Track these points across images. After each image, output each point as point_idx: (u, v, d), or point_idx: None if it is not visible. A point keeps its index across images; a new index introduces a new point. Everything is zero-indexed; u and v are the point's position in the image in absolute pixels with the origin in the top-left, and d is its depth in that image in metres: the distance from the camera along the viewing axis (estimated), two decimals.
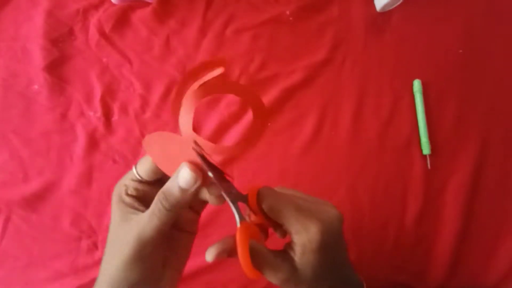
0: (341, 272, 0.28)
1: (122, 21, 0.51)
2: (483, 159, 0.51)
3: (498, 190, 0.51)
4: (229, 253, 0.25)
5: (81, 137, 0.49)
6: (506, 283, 0.49)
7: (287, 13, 0.53)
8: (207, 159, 0.25)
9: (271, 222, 0.28)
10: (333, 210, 0.28)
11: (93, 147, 0.49)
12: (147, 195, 0.27)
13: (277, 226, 0.28)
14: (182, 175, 0.24)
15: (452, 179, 0.51)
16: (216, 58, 0.51)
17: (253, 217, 0.28)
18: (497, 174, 0.51)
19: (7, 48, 0.50)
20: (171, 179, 0.25)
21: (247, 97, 0.36)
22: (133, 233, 0.24)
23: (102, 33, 0.51)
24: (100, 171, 0.49)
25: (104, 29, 0.51)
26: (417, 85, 0.52)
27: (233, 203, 0.25)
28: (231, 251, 0.25)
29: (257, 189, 0.27)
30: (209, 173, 0.25)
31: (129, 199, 0.27)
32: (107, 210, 0.49)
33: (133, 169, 0.28)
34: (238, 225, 0.25)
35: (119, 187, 0.28)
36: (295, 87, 0.51)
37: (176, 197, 0.25)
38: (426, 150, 0.50)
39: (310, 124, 0.51)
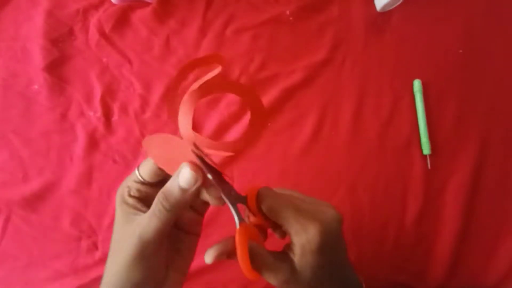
0: (340, 272, 0.28)
1: (122, 21, 0.51)
2: (483, 159, 0.51)
3: (498, 190, 0.51)
4: (228, 255, 0.25)
5: (81, 137, 0.49)
6: (506, 283, 0.49)
7: (287, 13, 0.53)
8: (207, 161, 0.25)
9: (270, 222, 0.28)
10: (332, 211, 0.28)
11: (93, 147, 0.49)
12: (149, 197, 0.27)
13: (276, 226, 0.28)
14: (182, 174, 0.24)
15: (452, 179, 0.51)
16: (212, 54, 0.51)
17: (252, 218, 0.28)
18: (497, 174, 0.51)
19: (7, 48, 0.50)
20: (171, 180, 0.25)
21: (245, 96, 0.36)
22: (135, 233, 0.25)
23: (102, 33, 0.51)
24: (100, 171, 0.49)
25: (104, 29, 0.51)
26: (417, 85, 0.52)
27: (232, 205, 0.25)
28: (230, 253, 0.25)
29: (256, 190, 0.27)
30: (208, 176, 0.25)
31: (132, 201, 0.27)
32: (107, 210, 0.49)
33: (136, 171, 0.28)
34: (237, 226, 0.25)
35: (122, 188, 0.28)
36: (295, 87, 0.51)
37: (176, 197, 0.25)
38: (426, 150, 0.50)
39: (310, 124, 0.51)
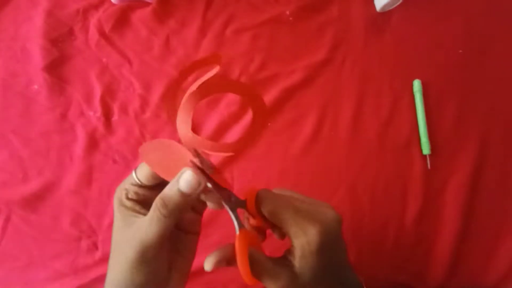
0: (340, 273, 0.28)
1: (122, 21, 0.51)
2: (483, 159, 0.51)
3: (498, 190, 0.51)
4: (228, 261, 0.25)
5: (81, 137, 0.49)
6: (506, 283, 0.49)
7: (287, 13, 0.53)
8: (206, 172, 0.25)
9: (270, 224, 0.28)
10: (332, 211, 0.28)
11: (93, 147, 0.49)
12: (148, 199, 0.27)
13: (275, 227, 0.28)
14: (185, 178, 0.24)
15: (452, 179, 0.51)
16: (210, 55, 0.51)
17: (251, 220, 0.28)
18: (497, 174, 0.51)
19: (7, 48, 0.50)
20: (170, 185, 0.25)
21: (246, 95, 0.36)
22: (135, 237, 0.24)
23: (102, 33, 0.51)
24: (100, 171, 0.49)
25: (104, 29, 0.51)
26: (417, 85, 0.52)
27: (232, 210, 0.25)
28: (230, 260, 0.25)
29: (255, 192, 0.27)
30: (208, 184, 0.24)
31: (130, 203, 0.27)
32: (107, 210, 0.49)
33: (133, 174, 0.27)
34: (237, 232, 0.24)
35: (119, 191, 0.27)
36: (295, 87, 0.51)
37: (176, 203, 0.24)
38: (426, 150, 0.50)
39: (310, 124, 0.51)
